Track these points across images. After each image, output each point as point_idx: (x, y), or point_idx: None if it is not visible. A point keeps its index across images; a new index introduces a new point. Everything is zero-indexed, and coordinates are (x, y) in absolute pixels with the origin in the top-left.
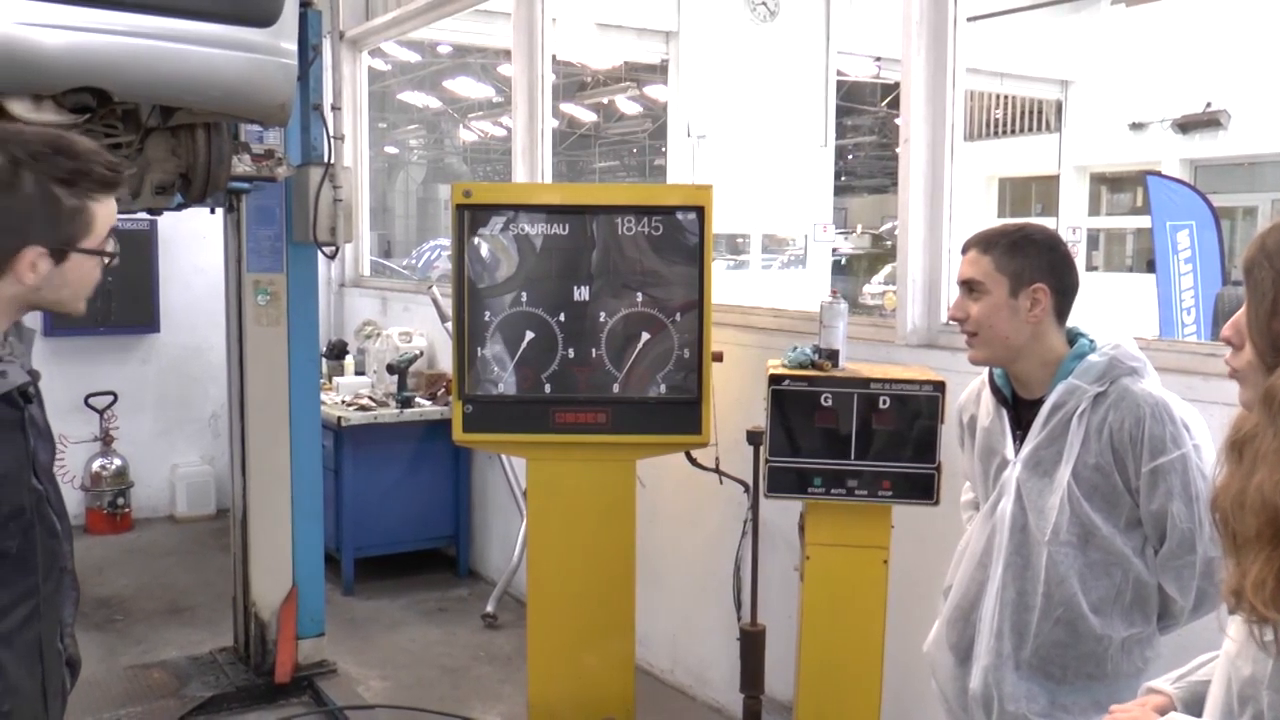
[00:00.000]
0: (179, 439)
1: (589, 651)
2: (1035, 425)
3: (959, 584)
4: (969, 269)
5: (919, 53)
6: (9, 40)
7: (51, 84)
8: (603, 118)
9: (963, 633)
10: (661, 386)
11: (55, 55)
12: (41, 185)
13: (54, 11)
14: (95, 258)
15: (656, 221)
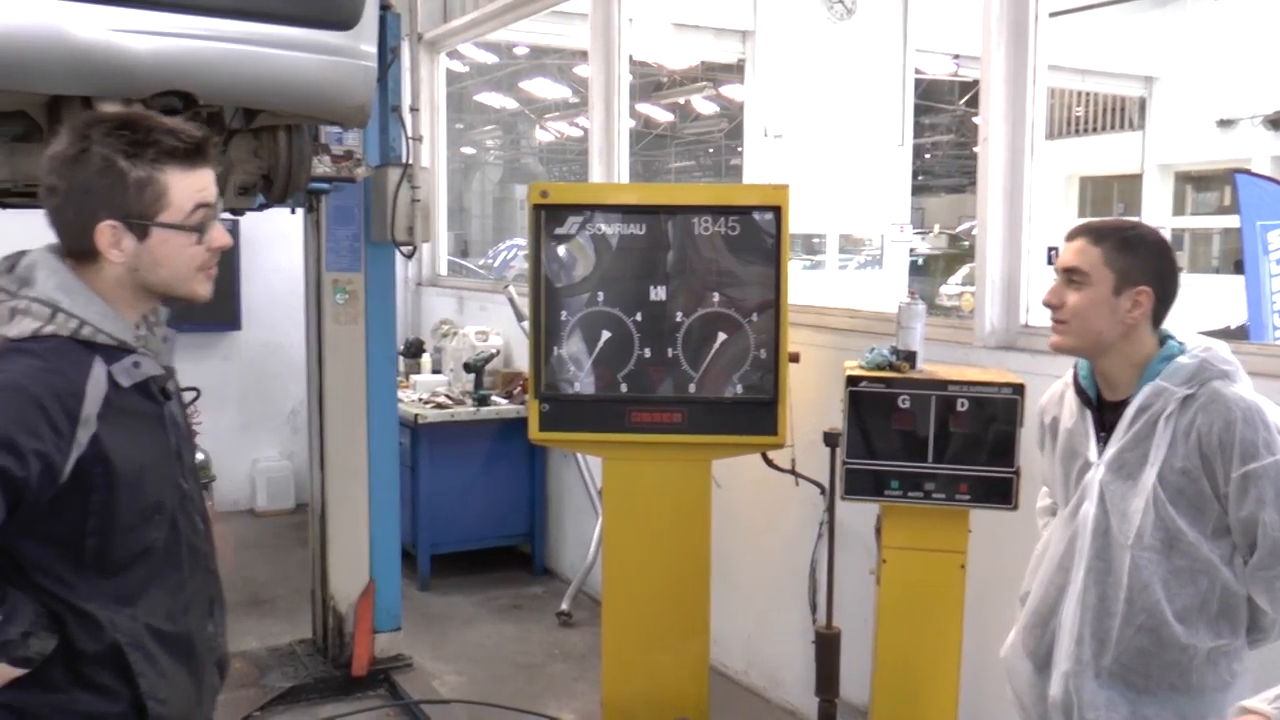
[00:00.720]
0: (259, 434)
1: (663, 651)
2: (1120, 427)
3: (1038, 589)
4: (1075, 257)
5: (999, 49)
6: (103, 46)
7: (141, 88)
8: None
9: (1041, 639)
10: (738, 387)
11: (144, 60)
12: (106, 158)
13: (143, 18)
14: (188, 235)
15: (733, 221)
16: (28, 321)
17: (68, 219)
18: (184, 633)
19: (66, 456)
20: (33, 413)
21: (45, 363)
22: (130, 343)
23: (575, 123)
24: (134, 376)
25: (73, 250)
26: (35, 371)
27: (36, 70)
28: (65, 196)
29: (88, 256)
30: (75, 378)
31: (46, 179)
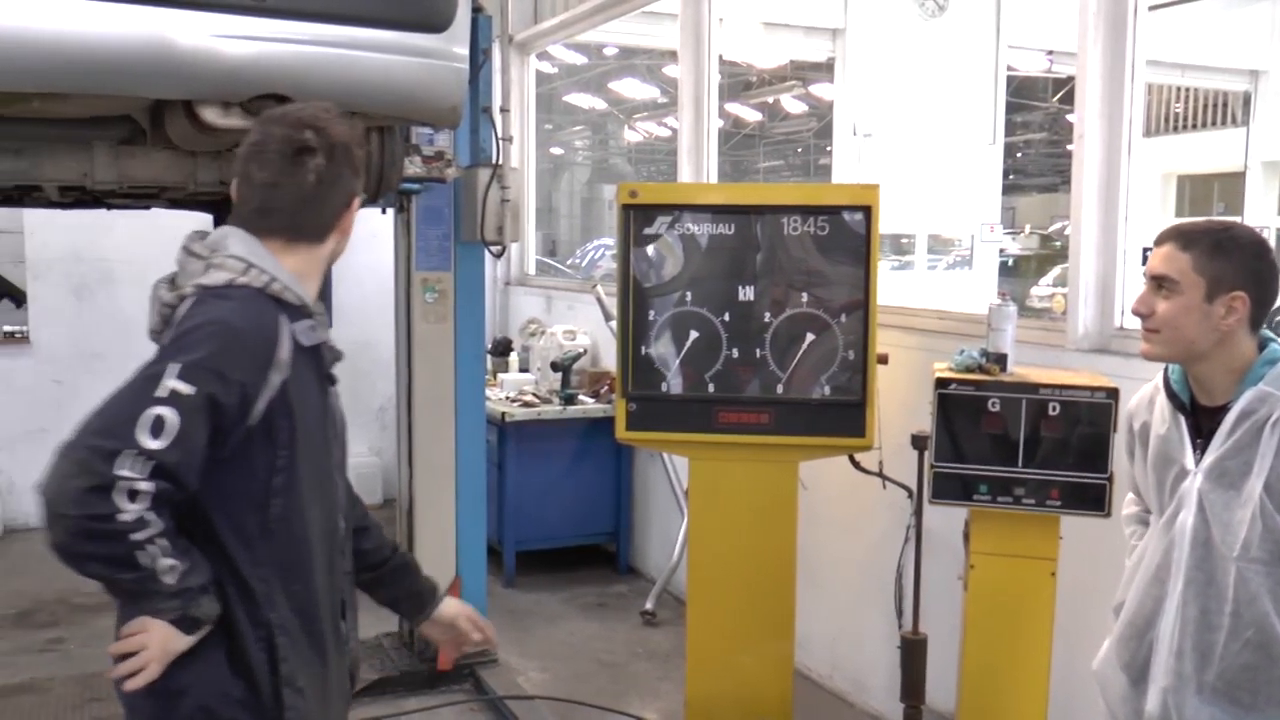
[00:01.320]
0: (348, 430)
1: (748, 653)
2: (1220, 434)
3: (1132, 600)
4: (1163, 264)
5: (1096, 45)
6: (205, 52)
7: (239, 91)
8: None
9: (1136, 652)
10: (825, 388)
11: (243, 64)
12: (346, 141)
13: (242, 23)
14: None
15: (822, 221)
16: (222, 274)
17: (322, 201)
18: (324, 628)
19: (259, 393)
20: (237, 345)
21: (243, 305)
22: (311, 308)
23: (664, 123)
24: (311, 339)
25: (308, 230)
26: (234, 310)
27: (142, 76)
28: (328, 181)
29: (318, 237)
30: (268, 320)
31: (294, 170)
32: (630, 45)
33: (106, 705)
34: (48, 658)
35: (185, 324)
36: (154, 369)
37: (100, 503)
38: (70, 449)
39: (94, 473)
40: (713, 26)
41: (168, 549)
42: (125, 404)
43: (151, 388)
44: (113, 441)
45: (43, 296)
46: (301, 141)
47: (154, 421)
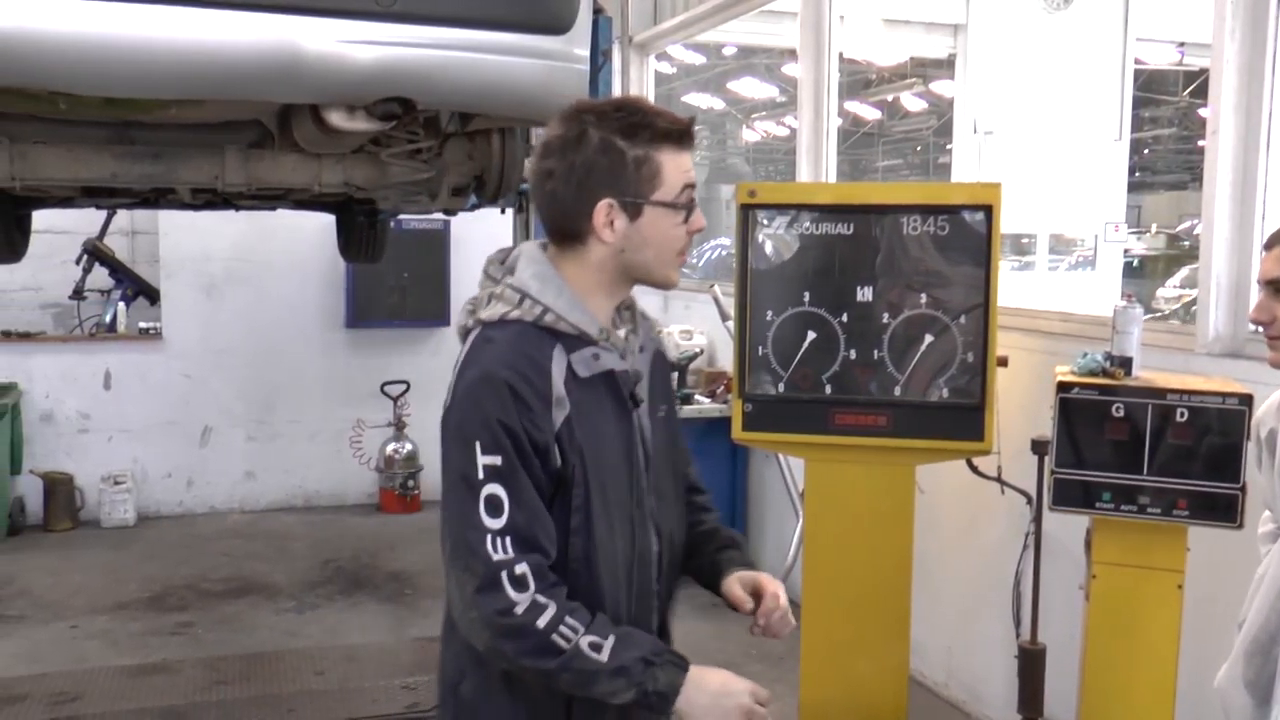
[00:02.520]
0: None
1: (862, 657)
2: None
3: (1256, 615)
4: (1275, 267)
5: (1233, 36)
6: (332, 57)
7: (364, 95)
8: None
9: (1261, 669)
10: (944, 390)
11: (369, 68)
12: (604, 139)
13: (367, 28)
14: (676, 215)
15: (942, 221)
16: (499, 306)
17: (564, 201)
18: None
19: (548, 435)
20: (508, 397)
21: (508, 346)
22: (592, 335)
23: (782, 122)
24: (592, 368)
25: (564, 233)
26: (501, 358)
27: (272, 81)
28: (563, 178)
29: (577, 239)
30: (538, 359)
31: (541, 165)
32: (749, 44)
33: (232, 688)
34: (177, 640)
35: (462, 379)
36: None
37: (495, 598)
38: (449, 563)
39: (475, 573)
40: (833, 24)
41: (580, 628)
42: (460, 501)
43: (470, 477)
44: (473, 535)
45: (174, 294)
46: (547, 140)
47: (487, 503)
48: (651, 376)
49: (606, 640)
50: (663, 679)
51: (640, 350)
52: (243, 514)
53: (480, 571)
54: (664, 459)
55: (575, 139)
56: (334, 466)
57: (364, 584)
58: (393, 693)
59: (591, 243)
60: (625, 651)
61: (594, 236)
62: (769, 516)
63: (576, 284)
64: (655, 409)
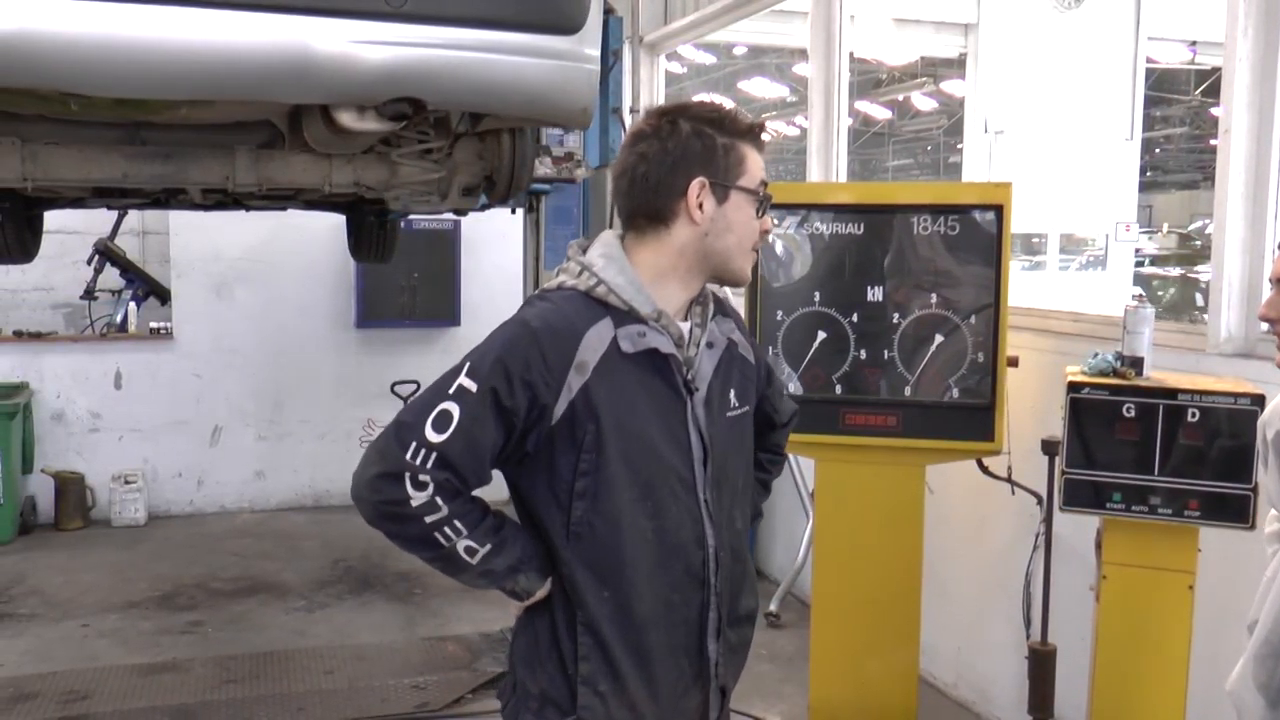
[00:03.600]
0: None
1: (872, 658)
2: None
3: (1268, 617)
4: None
5: (1245, 34)
6: (343, 58)
7: (375, 95)
8: (897, 114)
9: (1274, 671)
10: (954, 391)
11: (380, 69)
12: (696, 127)
13: (378, 29)
14: (752, 208)
15: (953, 220)
16: (560, 277)
17: (656, 182)
18: (659, 641)
19: (555, 394)
20: (527, 344)
21: (553, 306)
22: (641, 312)
23: (793, 121)
24: (637, 345)
25: (651, 215)
26: (541, 312)
27: (284, 82)
28: (656, 160)
29: (662, 222)
30: (576, 322)
31: (632, 150)
32: (760, 44)
33: (241, 687)
34: (187, 639)
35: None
36: (457, 365)
37: (391, 488)
38: (375, 439)
39: (386, 461)
40: (844, 23)
41: (465, 532)
42: (424, 399)
43: (448, 384)
44: (406, 433)
45: (185, 294)
46: (639, 128)
47: (439, 415)
48: (720, 372)
49: (483, 547)
50: (523, 583)
51: (708, 345)
52: (253, 513)
53: (391, 463)
54: (733, 456)
55: (668, 127)
56: (344, 466)
57: (373, 583)
58: (402, 692)
59: (677, 226)
60: (495, 558)
61: (682, 217)
62: (779, 516)
63: (651, 269)
64: (725, 405)
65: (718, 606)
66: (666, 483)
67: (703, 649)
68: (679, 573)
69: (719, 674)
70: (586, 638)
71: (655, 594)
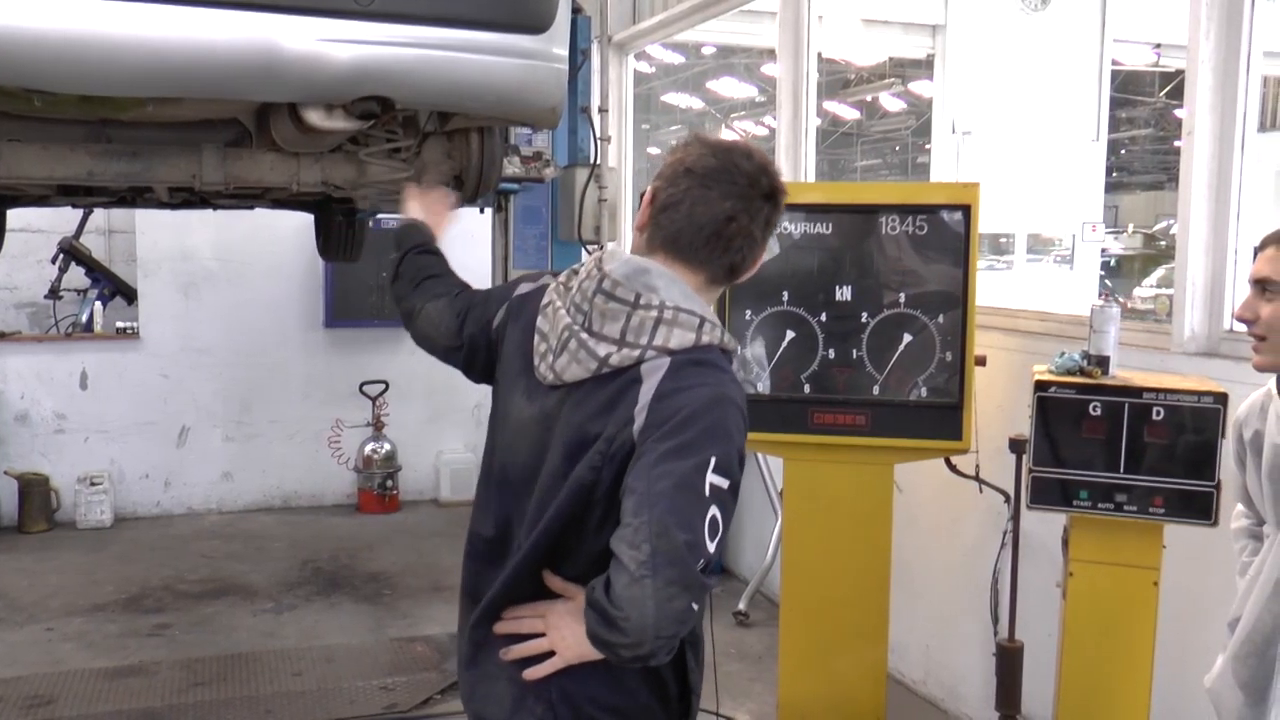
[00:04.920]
0: (444, 427)
1: (841, 656)
2: None
3: (1249, 615)
4: (1267, 267)
5: (1208, 36)
6: (311, 56)
7: (343, 94)
8: (866, 115)
9: (1257, 669)
10: (922, 390)
11: (348, 67)
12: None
13: (346, 27)
14: None
15: (921, 220)
16: (683, 334)
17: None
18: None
19: None
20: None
21: (732, 376)
22: (732, 350)
23: (762, 121)
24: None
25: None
26: (732, 384)
27: (251, 80)
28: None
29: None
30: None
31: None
32: (728, 44)
33: (209, 689)
34: (154, 642)
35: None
36: (697, 458)
37: (695, 616)
38: (662, 569)
39: (694, 590)
40: (812, 24)
41: None
42: (690, 508)
43: (700, 484)
44: (695, 554)
45: (152, 294)
46: (773, 186)
47: (710, 524)
48: None
49: None
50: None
51: None
52: (220, 515)
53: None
54: None
55: (760, 203)
56: (312, 467)
57: (342, 585)
58: (371, 693)
59: (724, 287)
60: None
61: (734, 283)
62: (748, 516)
63: None
64: None
65: None
66: None
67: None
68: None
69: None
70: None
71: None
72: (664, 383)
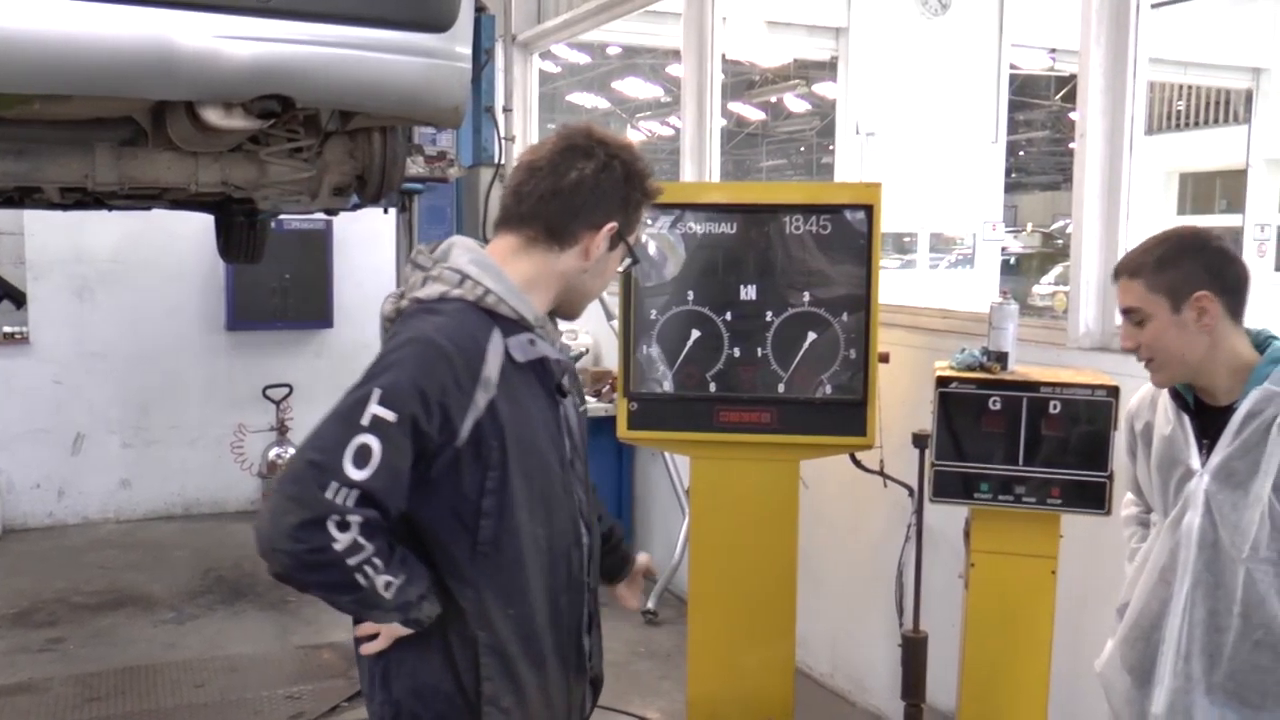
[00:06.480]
0: None
1: (749, 652)
2: (1226, 434)
3: (1137, 601)
4: (1124, 297)
5: (1098, 42)
6: (207, 53)
7: (242, 92)
8: (771, 116)
9: (1143, 653)
10: (827, 387)
11: (246, 65)
12: (626, 172)
13: (244, 24)
14: (618, 263)
15: (824, 220)
16: (437, 286)
17: (575, 206)
18: (550, 645)
19: (464, 414)
20: (441, 365)
21: (451, 320)
22: (530, 320)
23: (667, 122)
24: (528, 354)
25: (552, 230)
26: (441, 327)
27: (145, 78)
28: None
29: (558, 242)
30: (478, 337)
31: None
32: (633, 44)
33: (105, 705)
34: (46, 657)
35: (391, 342)
36: (359, 393)
37: (315, 535)
38: (284, 483)
39: (306, 507)
40: (716, 25)
41: (382, 567)
42: (333, 433)
43: (357, 414)
44: (324, 474)
45: (43, 297)
46: (577, 142)
47: (358, 451)
48: (572, 374)
49: (398, 579)
50: (426, 610)
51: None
52: (118, 524)
53: (312, 508)
54: (584, 453)
55: (604, 158)
56: (215, 473)
57: (246, 592)
58: (276, 703)
59: (569, 253)
60: (409, 588)
61: (578, 248)
62: (655, 514)
63: (522, 278)
64: (578, 404)
65: (589, 602)
66: (553, 489)
67: (580, 645)
68: (564, 576)
69: (592, 665)
70: (489, 658)
71: (549, 601)
72: (402, 326)
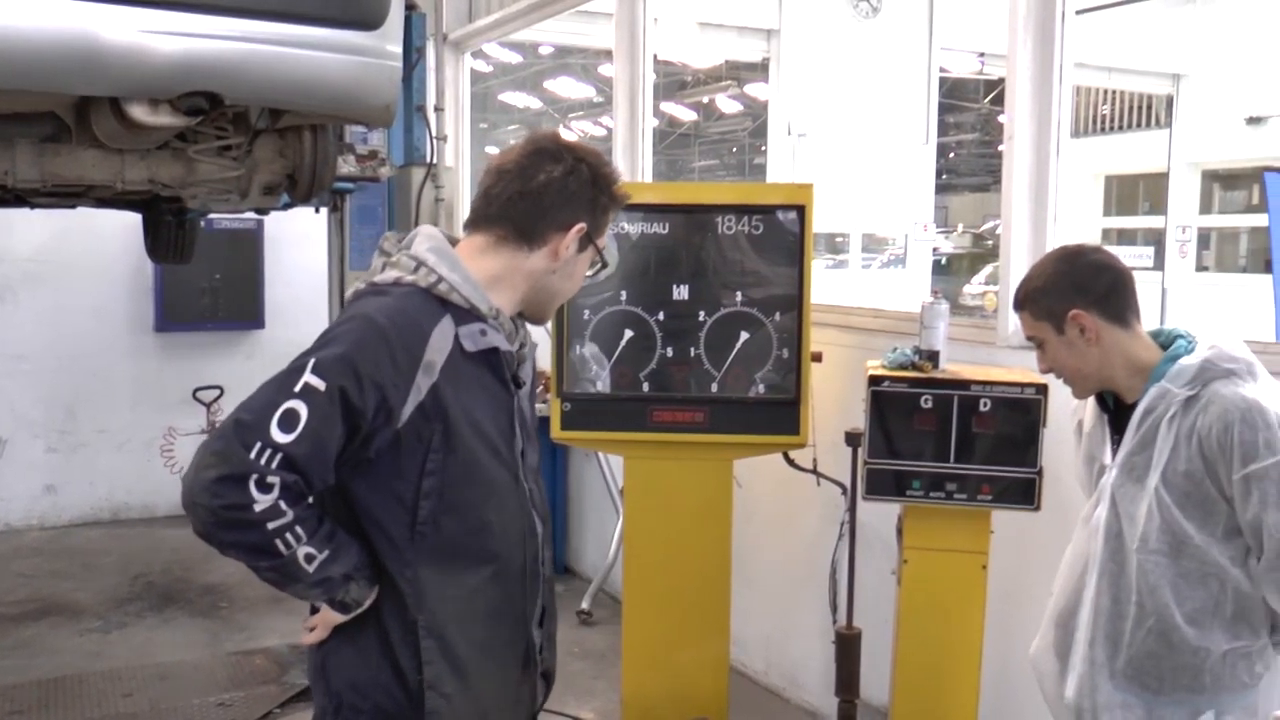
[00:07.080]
0: None
1: (683, 651)
2: (1129, 430)
3: (1059, 590)
4: (1024, 328)
5: (1025, 47)
6: (132, 48)
7: (168, 88)
8: (703, 116)
9: (1063, 640)
10: (760, 387)
11: (172, 61)
12: (594, 176)
13: (171, 19)
14: (586, 267)
15: (757, 220)
16: (393, 271)
17: (544, 206)
18: (500, 634)
19: (404, 396)
20: (376, 343)
21: (395, 302)
22: (483, 311)
23: (599, 122)
24: (478, 343)
25: (522, 230)
26: (385, 308)
27: (67, 73)
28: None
29: (527, 242)
30: (422, 322)
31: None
32: (565, 44)
33: (27, 717)
34: None
35: (341, 319)
36: (296, 363)
37: (233, 492)
38: (211, 440)
39: (228, 463)
40: (648, 26)
41: (305, 538)
42: (265, 397)
43: (292, 382)
44: (249, 433)
45: None
46: (545, 146)
47: (285, 414)
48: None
49: (321, 554)
50: (354, 592)
51: (523, 347)
52: (42, 530)
53: (234, 465)
54: (538, 445)
55: (573, 163)
56: (144, 477)
57: (176, 599)
58: (207, 710)
59: (537, 253)
60: (332, 565)
61: (547, 249)
62: (589, 514)
63: (486, 275)
64: (532, 399)
65: (540, 595)
66: (502, 478)
67: (529, 637)
68: (515, 567)
69: (544, 658)
70: (429, 641)
71: (496, 589)
72: (349, 305)
